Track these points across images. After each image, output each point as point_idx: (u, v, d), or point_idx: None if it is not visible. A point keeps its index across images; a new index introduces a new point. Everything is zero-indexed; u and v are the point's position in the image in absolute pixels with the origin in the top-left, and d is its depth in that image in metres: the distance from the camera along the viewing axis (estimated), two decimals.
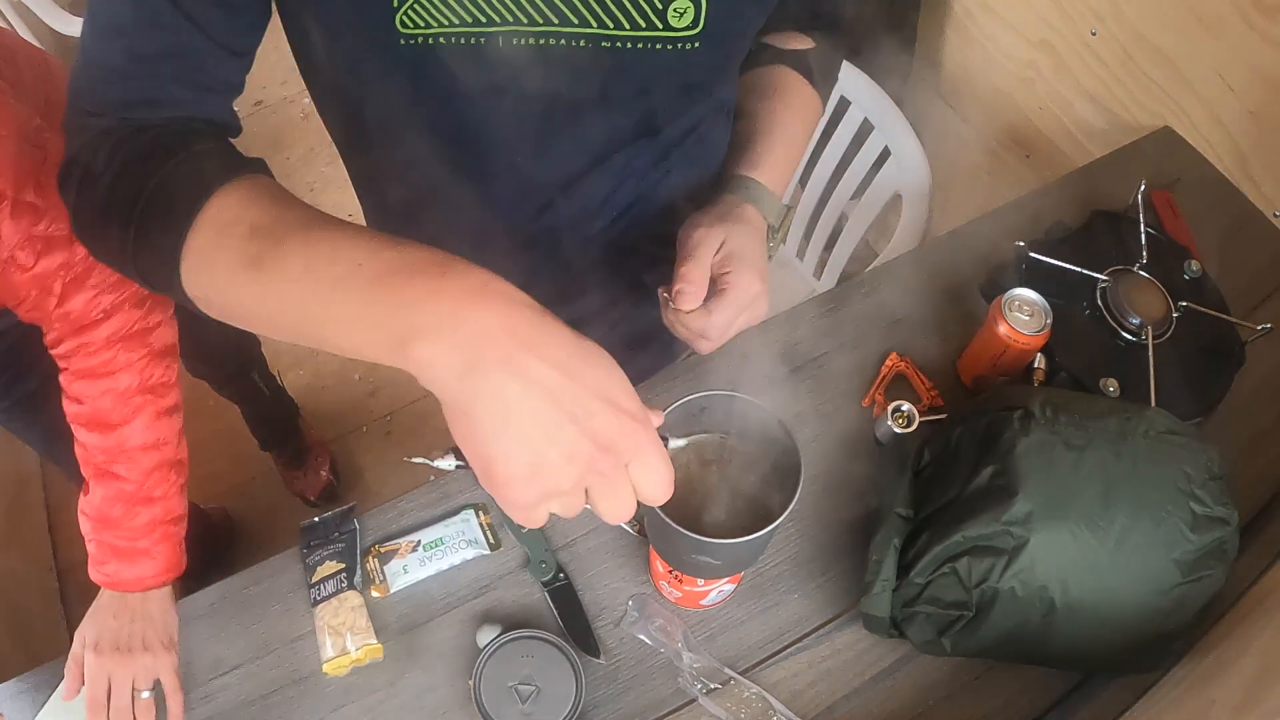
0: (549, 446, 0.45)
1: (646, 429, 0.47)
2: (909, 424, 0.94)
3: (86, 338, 0.82)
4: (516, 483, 0.46)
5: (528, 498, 0.46)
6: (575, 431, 0.45)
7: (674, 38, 0.63)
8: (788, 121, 0.86)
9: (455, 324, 0.45)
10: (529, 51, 0.61)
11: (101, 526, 0.84)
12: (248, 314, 0.54)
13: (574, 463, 0.45)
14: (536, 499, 0.47)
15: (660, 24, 0.62)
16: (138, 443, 0.84)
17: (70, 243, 0.80)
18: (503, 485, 0.46)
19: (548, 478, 0.46)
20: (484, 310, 0.45)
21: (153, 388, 0.85)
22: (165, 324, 0.88)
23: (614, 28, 0.61)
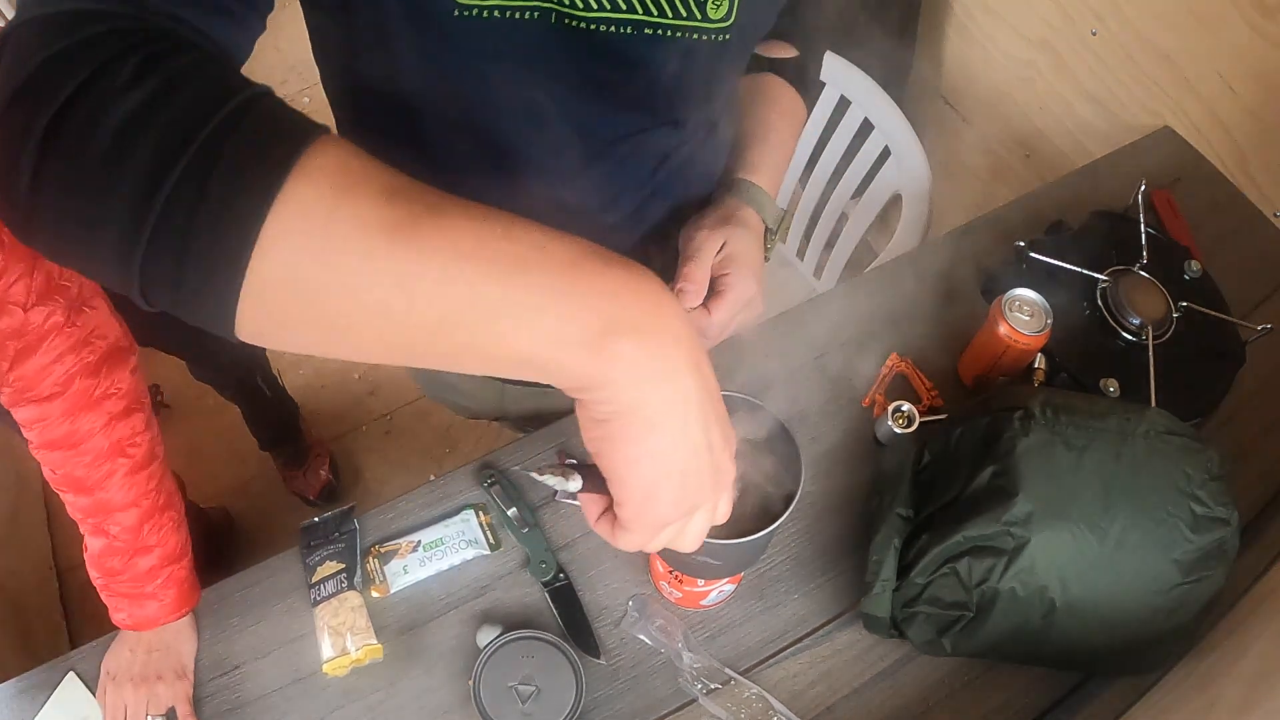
0: (705, 456, 0.45)
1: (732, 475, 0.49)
2: (909, 424, 0.93)
3: (43, 409, 0.78)
4: (670, 499, 0.45)
5: (674, 513, 0.46)
6: (721, 440, 0.45)
7: (709, 29, 0.65)
8: (780, 128, 0.89)
9: (658, 323, 0.42)
10: (575, 34, 0.62)
11: (106, 576, 0.84)
12: (367, 305, 0.38)
13: (715, 476, 0.46)
14: (679, 515, 0.46)
15: (699, 15, 0.64)
16: (118, 503, 0.82)
17: (25, 308, 0.74)
18: (656, 502, 0.45)
19: (693, 492, 0.45)
20: (675, 311, 0.43)
21: (122, 449, 0.81)
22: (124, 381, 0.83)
23: (657, 15, 0.63)
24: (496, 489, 0.94)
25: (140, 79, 0.38)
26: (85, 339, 0.79)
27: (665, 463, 0.44)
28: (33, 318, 0.75)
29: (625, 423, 0.42)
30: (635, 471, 0.44)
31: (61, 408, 0.78)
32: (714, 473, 0.46)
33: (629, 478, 0.45)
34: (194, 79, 0.39)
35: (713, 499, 0.48)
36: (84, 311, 0.79)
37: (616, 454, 0.44)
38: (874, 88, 1.43)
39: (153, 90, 0.38)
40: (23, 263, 0.73)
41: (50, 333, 0.76)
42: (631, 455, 0.44)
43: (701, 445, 0.45)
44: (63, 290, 0.77)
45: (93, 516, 0.82)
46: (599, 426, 0.44)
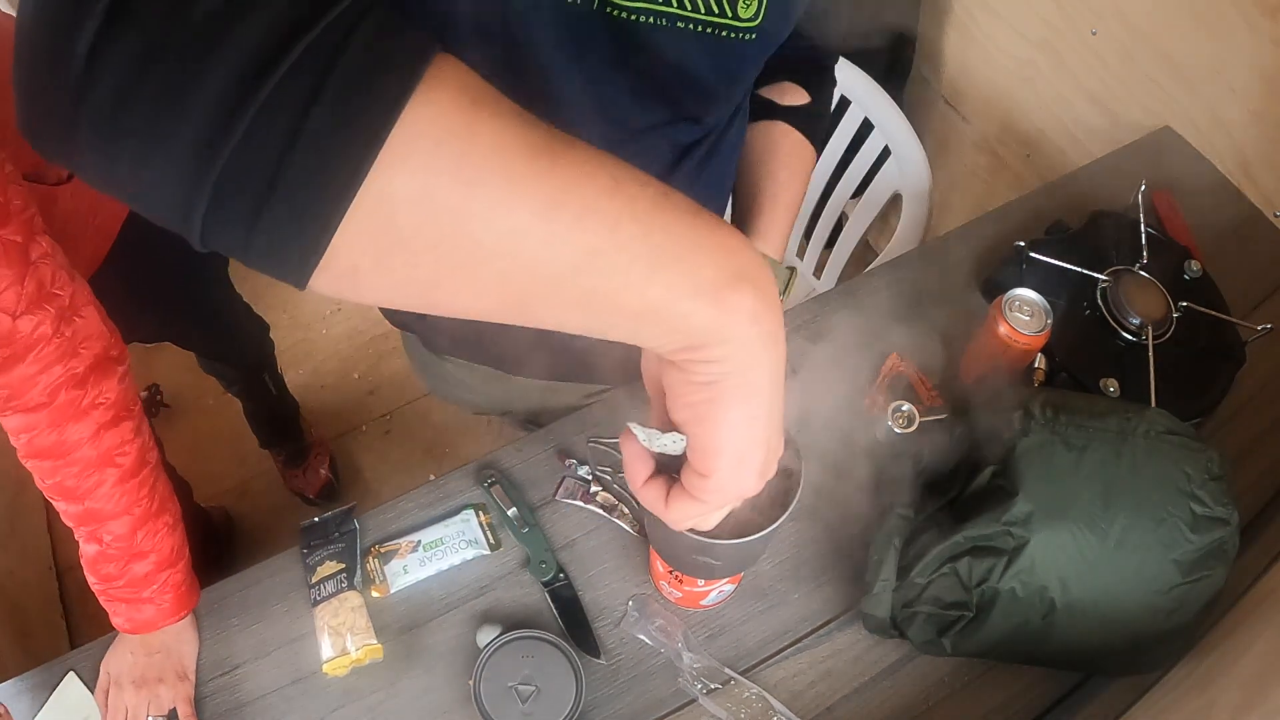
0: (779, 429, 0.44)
1: None
2: (909, 424, 0.93)
3: (30, 419, 0.78)
4: (756, 468, 0.44)
5: (755, 483, 0.45)
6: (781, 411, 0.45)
7: (738, 27, 0.66)
8: (787, 182, 0.91)
9: (769, 283, 0.41)
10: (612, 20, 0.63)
11: (102, 581, 0.84)
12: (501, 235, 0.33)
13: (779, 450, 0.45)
14: (758, 486, 0.46)
15: (730, 13, 0.65)
16: (109, 511, 0.82)
17: (14, 316, 0.73)
18: (745, 470, 0.44)
19: (770, 464, 0.45)
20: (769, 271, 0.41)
21: (110, 458, 0.81)
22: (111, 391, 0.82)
23: (690, 10, 0.64)
24: (496, 489, 0.94)
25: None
26: (73, 349, 0.78)
27: (760, 430, 0.43)
28: (21, 326, 0.74)
29: (733, 385, 0.41)
30: (733, 438, 0.43)
31: (48, 418, 0.77)
32: (779, 447, 0.46)
33: (726, 444, 0.43)
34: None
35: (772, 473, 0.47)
36: (73, 321, 0.78)
37: (718, 419, 0.42)
38: (874, 88, 1.43)
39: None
40: (14, 269, 0.72)
41: (38, 342, 0.75)
42: (733, 420, 0.42)
43: (780, 416, 0.44)
44: (53, 299, 0.76)
45: (85, 524, 0.82)
46: (702, 390, 0.42)
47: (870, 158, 1.48)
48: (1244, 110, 1.15)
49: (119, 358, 0.83)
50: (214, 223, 0.32)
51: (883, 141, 1.45)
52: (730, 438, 0.43)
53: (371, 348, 2.12)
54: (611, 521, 0.93)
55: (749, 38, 0.67)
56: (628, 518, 0.93)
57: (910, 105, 1.67)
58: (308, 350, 2.13)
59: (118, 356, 0.82)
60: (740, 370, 0.41)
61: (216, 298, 1.49)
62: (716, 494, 0.46)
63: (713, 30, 0.65)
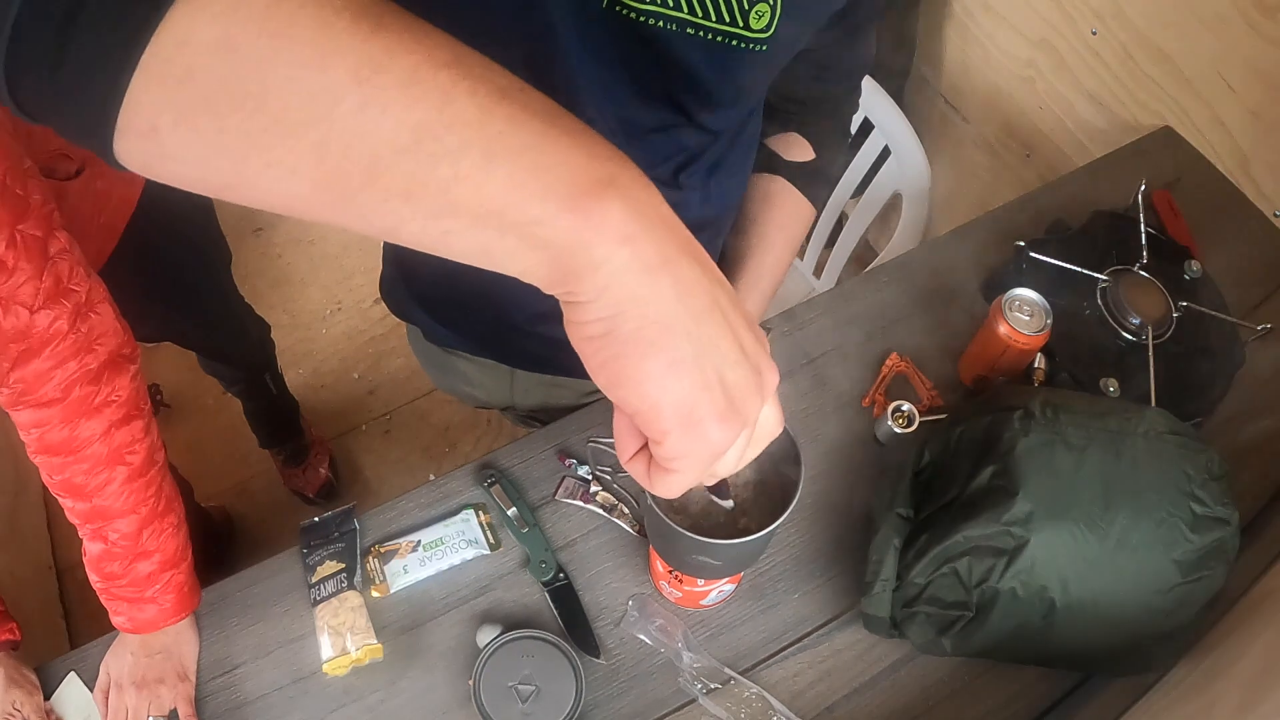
0: (740, 356, 0.37)
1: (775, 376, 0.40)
2: (909, 424, 0.94)
3: (42, 414, 0.77)
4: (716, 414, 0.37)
5: (726, 434, 0.37)
6: (753, 339, 0.38)
7: (749, 38, 0.66)
8: (775, 244, 0.91)
9: (648, 199, 0.35)
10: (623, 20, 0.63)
11: (105, 580, 0.84)
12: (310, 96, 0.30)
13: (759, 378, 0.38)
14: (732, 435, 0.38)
15: (742, 23, 0.65)
16: (117, 509, 0.82)
17: (31, 310, 0.73)
18: (701, 423, 0.37)
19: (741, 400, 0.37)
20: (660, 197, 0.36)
21: (120, 456, 0.81)
22: (124, 389, 0.82)
23: (702, 17, 0.64)
24: (496, 489, 0.94)
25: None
26: (88, 345, 0.78)
27: (691, 376, 0.36)
28: (38, 321, 0.74)
29: (631, 331, 0.35)
30: (663, 391, 0.36)
31: (61, 414, 0.78)
32: (756, 375, 0.38)
33: (659, 404, 0.36)
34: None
35: (761, 405, 0.39)
36: (89, 317, 0.78)
37: (632, 375, 0.36)
38: (874, 87, 1.43)
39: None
40: (33, 264, 0.72)
41: (54, 338, 0.75)
42: (651, 373, 0.35)
43: (731, 343, 0.37)
44: (70, 294, 0.76)
45: (91, 522, 0.82)
46: (600, 345, 0.36)
47: (870, 157, 1.48)
48: (1244, 110, 1.15)
49: (131, 356, 0.83)
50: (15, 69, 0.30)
51: (882, 141, 1.45)
52: (658, 395, 0.36)
53: (371, 347, 2.12)
54: (611, 521, 0.93)
55: (760, 49, 0.67)
56: (628, 518, 0.93)
57: (910, 105, 1.67)
58: (308, 350, 2.13)
59: (130, 354, 0.83)
60: (631, 310, 0.35)
61: (219, 298, 1.50)
62: (682, 460, 0.39)
63: (723, 39, 0.66)
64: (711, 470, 0.41)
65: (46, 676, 0.87)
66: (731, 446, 0.39)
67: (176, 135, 0.30)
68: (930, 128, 1.69)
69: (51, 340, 0.75)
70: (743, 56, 0.68)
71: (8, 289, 0.71)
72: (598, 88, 0.68)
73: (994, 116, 1.55)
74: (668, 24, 0.64)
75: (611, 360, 0.36)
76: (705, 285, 0.36)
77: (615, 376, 0.36)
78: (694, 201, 0.82)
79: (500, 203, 0.32)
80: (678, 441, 0.38)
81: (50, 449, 0.79)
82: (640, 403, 0.37)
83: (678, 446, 0.38)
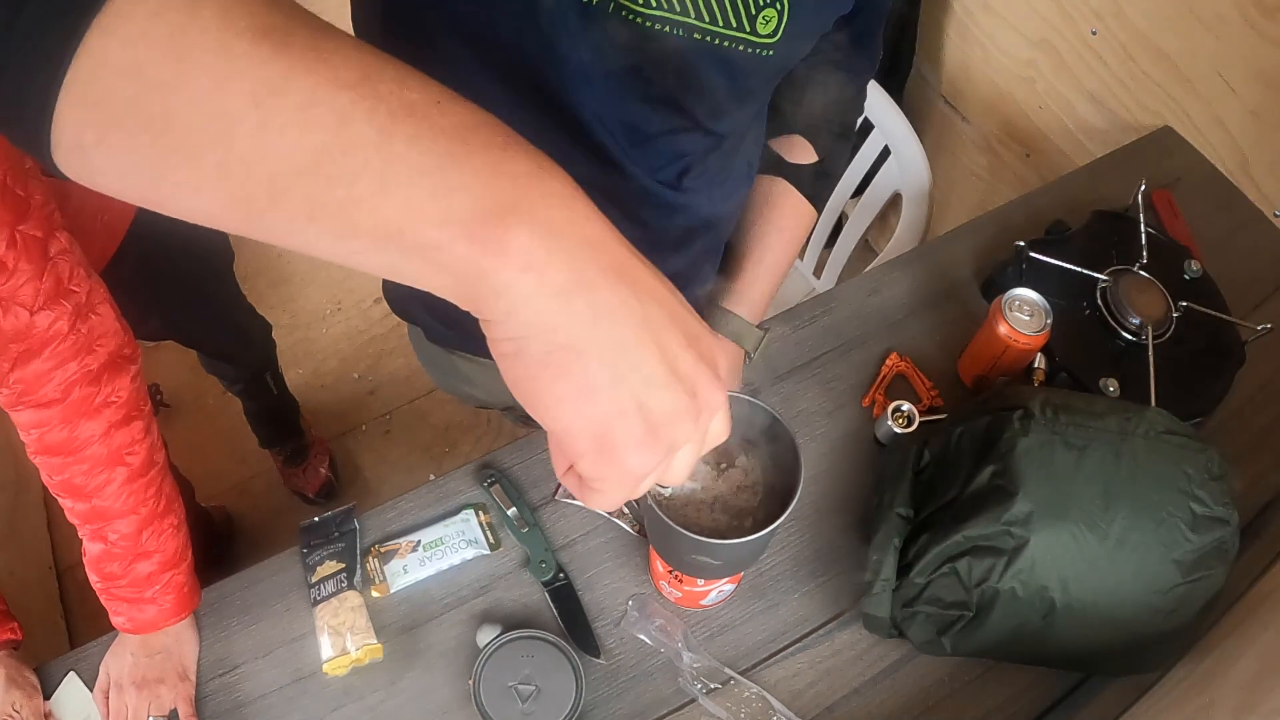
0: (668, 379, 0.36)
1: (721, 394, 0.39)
2: (909, 424, 0.94)
3: (42, 415, 0.77)
4: (633, 441, 0.36)
5: (645, 460, 0.37)
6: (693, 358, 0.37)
7: (756, 43, 0.66)
8: (775, 244, 0.91)
9: (566, 221, 0.34)
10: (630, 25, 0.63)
11: (105, 580, 0.84)
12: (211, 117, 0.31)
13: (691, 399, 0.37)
14: (654, 460, 0.37)
15: (749, 28, 0.65)
16: (116, 510, 0.81)
17: (31, 311, 0.73)
18: (616, 449, 0.36)
19: (664, 427, 0.36)
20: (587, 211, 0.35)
21: (120, 457, 0.81)
22: (124, 389, 0.81)
23: (709, 22, 0.64)
24: (496, 489, 0.94)
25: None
26: (88, 346, 0.78)
27: (611, 398, 0.35)
28: (38, 321, 0.74)
29: (539, 354, 0.34)
30: (575, 415, 0.35)
31: (61, 414, 0.77)
32: (688, 396, 0.37)
33: (570, 425, 0.36)
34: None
35: (696, 428, 0.38)
36: (89, 318, 0.78)
37: (543, 397, 0.35)
38: (874, 87, 1.43)
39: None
40: (33, 264, 0.72)
41: (54, 339, 0.75)
42: (562, 395, 0.35)
43: (657, 367, 0.35)
44: (70, 295, 0.76)
45: (91, 523, 0.82)
46: (513, 363, 0.35)
47: (870, 157, 1.48)
48: (1244, 110, 1.15)
49: (132, 356, 0.83)
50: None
51: (882, 141, 1.45)
52: (570, 420, 0.36)
53: (371, 347, 2.12)
54: (611, 521, 0.93)
55: (766, 54, 0.67)
56: (628, 518, 0.93)
57: (910, 105, 1.67)
58: (308, 350, 2.13)
59: (131, 355, 0.83)
60: (538, 335, 0.34)
61: (222, 297, 1.50)
62: (601, 480, 0.38)
63: (730, 44, 0.66)
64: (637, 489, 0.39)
65: (46, 676, 0.87)
66: (654, 470, 0.38)
67: (99, 152, 0.32)
68: (930, 128, 1.69)
69: (51, 341, 0.75)
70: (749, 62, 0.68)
71: (8, 290, 0.71)
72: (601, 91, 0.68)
73: (994, 116, 1.55)
74: (674, 29, 0.64)
75: (524, 380, 0.35)
76: (630, 306, 0.35)
77: (527, 396, 0.36)
78: (698, 204, 0.82)
79: (397, 227, 0.32)
80: (592, 465, 0.37)
81: (50, 449, 0.79)
82: (553, 424, 0.36)
83: (593, 470, 0.37)
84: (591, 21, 0.63)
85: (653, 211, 0.80)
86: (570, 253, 0.34)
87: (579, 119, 0.69)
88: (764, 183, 0.92)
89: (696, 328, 0.38)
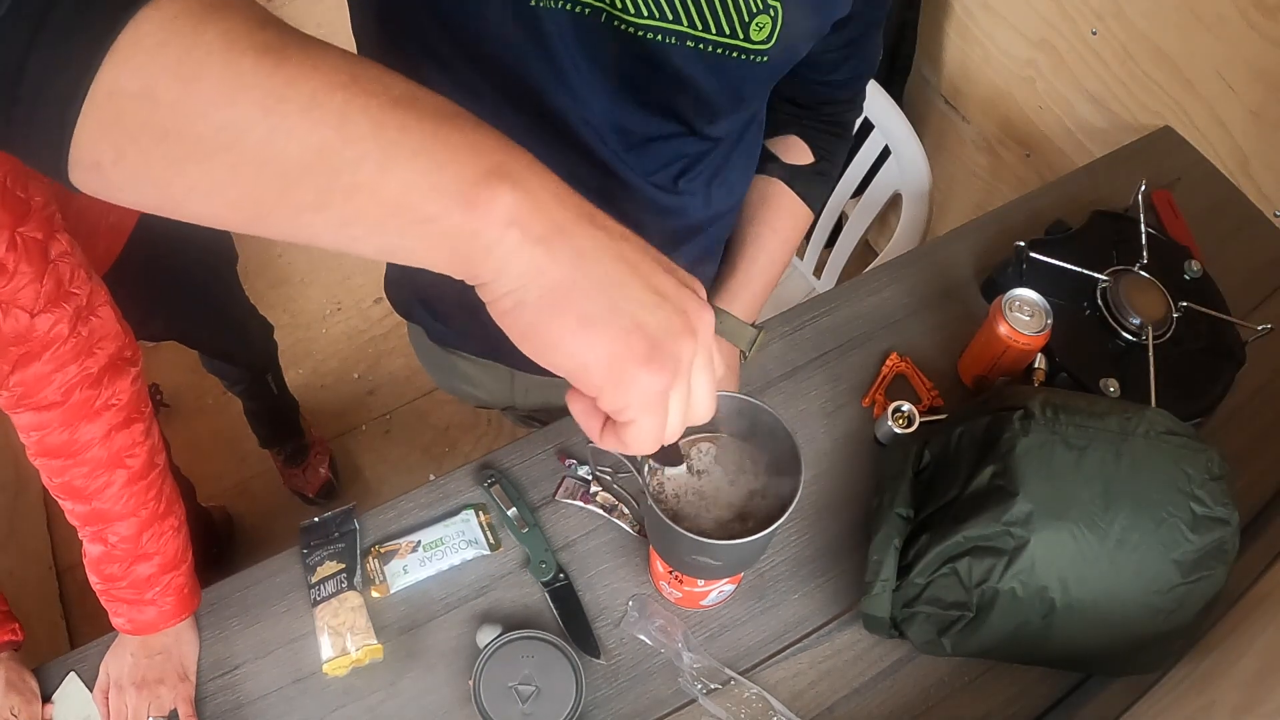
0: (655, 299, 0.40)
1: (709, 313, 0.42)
2: (909, 424, 0.93)
3: (42, 417, 0.77)
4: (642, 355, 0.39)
5: (661, 374, 0.40)
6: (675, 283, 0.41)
7: (750, 49, 0.66)
8: (769, 245, 0.92)
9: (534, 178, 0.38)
10: (623, 36, 0.63)
11: (105, 581, 0.84)
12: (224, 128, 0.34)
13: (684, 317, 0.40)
14: (669, 373, 0.40)
15: (743, 35, 0.65)
16: (116, 512, 0.81)
17: (31, 313, 0.73)
18: (631, 368, 0.39)
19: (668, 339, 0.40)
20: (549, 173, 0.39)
21: (120, 459, 0.80)
22: (124, 392, 0.81)
23: (702, 30, 0.64)
24: (496, 489, 0.94)
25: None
26: (89, 348, 0.78)
27: (610, 321, 0.39)
28: (38, 324, 0.74)
29: (536, 296, 0.38)
30: (583, 347, 0.39)
31: (61, 417, 0.77)
32: (679, 314, 0.41)
33: (583, 358, 0.39)
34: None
35: (695, 344, 0.41)
36: (90, 320, 0.78)
37: (549, 338, 0.39)
38: (874, 87, 1.43)
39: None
40: (34, 267, 0.72)
41: (54, 341, 0.75)
42: (563, 330, 0.38)
43: (643, 291, 0.40)
44: (70, 298, 0.76)
45: (91, 524, 0.82)
46: (516, 317, 0.39)
47: (870, 157, 1.48)
48: (1244, 110, 1.15)
49: (133, 359, 0.83)
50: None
51: (882, 141, 1.45)
52: (580, 352, 0.39)
53: (371, 347, 2.12)
54: (611, 521, 0.93)
55: (760, 60, 0.67)
56: (628, 518, 0.93)
57: (910, 105, 1.68)
58: (308, 350, 2.13)
59: (131, 358, 0.82)
60: (531, 280, 0.38)
61: (225, 298, 1.50)
62: (628, 409, 0.41)
63: (724, 51, 0.65)
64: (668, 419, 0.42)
65: (46, 676, 0.87)
66: (672, 388, 0.41)
67: (116, 169, 0.35)
68: (930, 128, 1.69)
69: (52, 344, 0.75)
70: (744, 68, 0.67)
71: (8, 292, 0.71)
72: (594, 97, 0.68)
73: (994, 116, 1.55)
74: (667, 37, 0.64)
75: (529, 330, 0.39)
76: (605, 243, 0.39)
77: (536, 345, 0.39)
78: (694, 206, 0.82)
79: (397, 204, 0.36)
80: (613, 393, 0.40)
81: (50, 452, 0.79)
82: (566, 362, 0.40)
83: (615, 398, 0.40)
84: (584, 32, 0.63)
85: (649, 214, 0.80)
86: (545, 205, 0.38)
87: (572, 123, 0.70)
88: (760, 183, 0.92)
89: (670, 262, 0.42)
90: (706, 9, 0.63)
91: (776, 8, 0.65)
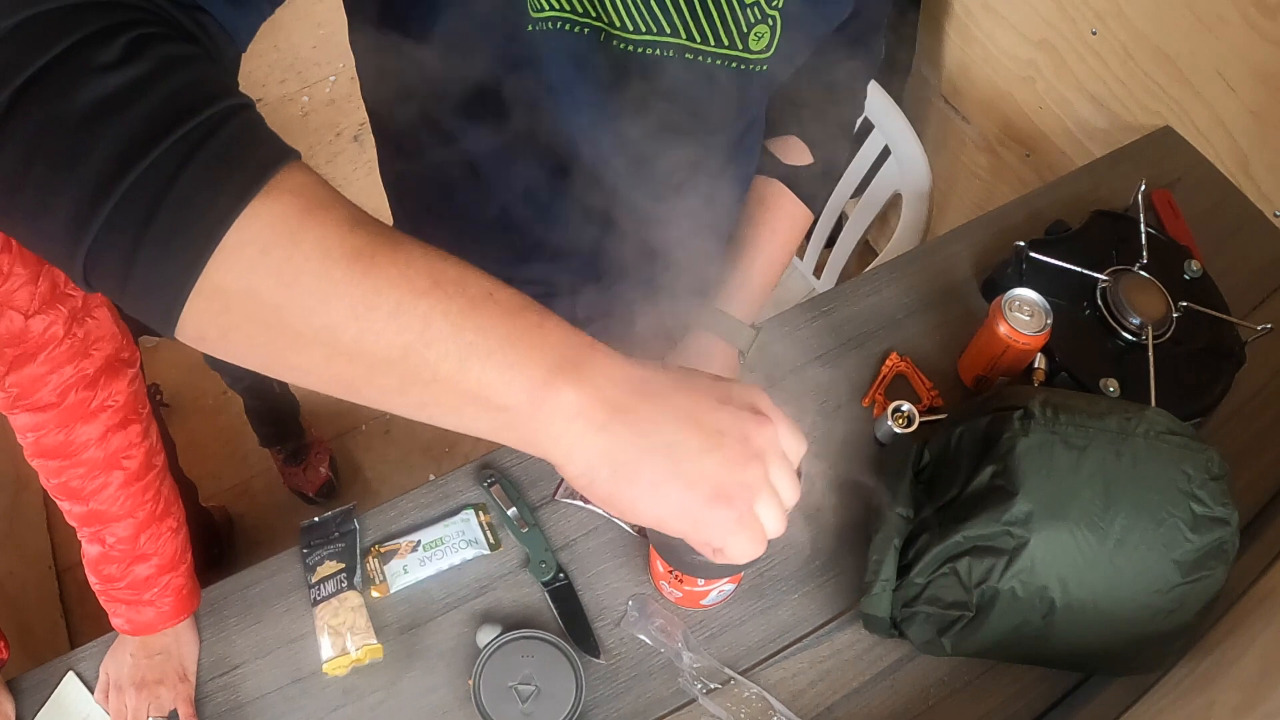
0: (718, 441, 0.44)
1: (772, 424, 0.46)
2: (909, 424, 0.94)
3: (38, 418, 0.77)
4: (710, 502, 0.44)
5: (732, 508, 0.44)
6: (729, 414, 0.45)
7: (749, 59, 0.66)
8: (767, 246, 0.92)
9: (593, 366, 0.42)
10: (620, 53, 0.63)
11: (103, 582, 0.84)
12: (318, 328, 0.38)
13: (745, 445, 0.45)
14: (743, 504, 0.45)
15: (741, 45, 0.65)
16: (114, 513, 0.81)
17: (26, 315, 0.73)
18: (706, 512, 0.44)
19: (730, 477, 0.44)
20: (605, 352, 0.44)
21: (117, 461, 0.80)
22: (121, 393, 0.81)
23: (700, 42, 0.64)
24: (496, 489, 0.94)
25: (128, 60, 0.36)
26: (85, 350, 0.78)
27: (678, 478, 0.43)
28: (33, 326, 0.74)
29: (607, 474, 0.43)
30: (657, 506, 0.44)
31: (57, 418, 0.77)
32: (739, 444, 0.45)
33: (659, 515, 0.44)
34: (182, 72, 0.38)
35: (763, 464, 0.46)
36: (85, 322, 0.78)
37: (628, 506, 0.44)
38: (874, 87, 1.43)
39: (138, 75, 0.36)
40: (29, 268, 0.72)
41: (49, 343, 0.75)
42: (638, 497, 0.43)
43: (700, 439, 0.44)
44: (66, 300, 0.76)
45: (89, 525, 0.82)
46: (592, 489, 0.44)
47: (870, 157, 1.48)
48: (1244, 110, 1.15)
49: (130, 360, 0.83)
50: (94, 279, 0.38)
51: (882, 141, 1.45)
52: (657, 511, 0.44)
53: None
54: (611, 521, 0.93)
55: (760, 69, 0.67)
56: None
57: (910, 104, 1.67)
58: None
59: (128, 359, 0.82)
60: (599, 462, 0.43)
61: None
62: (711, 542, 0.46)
63: (722, 62, 0.65)
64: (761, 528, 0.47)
65: (46, 676, 0.87)
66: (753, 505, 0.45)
67: (220, 345, 0.40)
68: (930, 128, 1.69)
69: (47, 345, 0.75)
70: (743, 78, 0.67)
71: (3, 294, 0.71)
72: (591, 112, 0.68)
73: (994, 116, 1.55)
74: (664, 51, 0.63)
75: (607, 499, 0.44)
76: (661, 409, 0.43)
77: (617, 509, 0.45)
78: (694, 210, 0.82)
79: (473, 396, 0.41)
80: (695, 536, 0.45)
81: (46, 453, 0.79)
82: (647, 518, 0.45)
83: (698, 538, 0.46)
84: (581, 48, 0.62)
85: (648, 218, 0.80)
86: (604, 392, 0.42)
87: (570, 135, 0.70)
88: (760, 184, 0.92)
89: (722, 388, 0.46)
90: (705, 21, 0.63)
91: (775, 17, 0.64)
